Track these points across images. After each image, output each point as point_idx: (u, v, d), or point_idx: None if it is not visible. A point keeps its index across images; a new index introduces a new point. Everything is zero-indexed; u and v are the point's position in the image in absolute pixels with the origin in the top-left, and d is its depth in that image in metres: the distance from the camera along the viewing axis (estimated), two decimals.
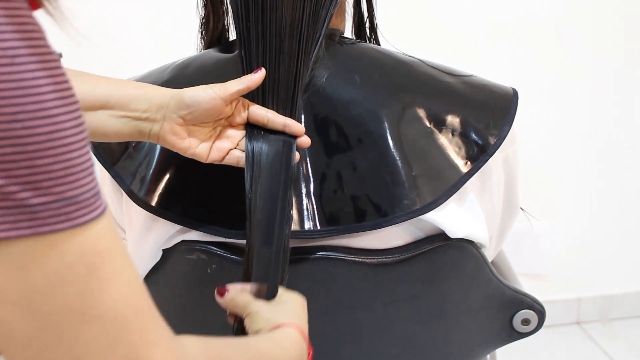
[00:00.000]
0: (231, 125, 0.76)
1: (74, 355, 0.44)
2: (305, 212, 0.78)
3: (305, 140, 0.76)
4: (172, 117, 0.72)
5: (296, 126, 0.76)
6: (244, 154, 0.76)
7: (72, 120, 0.42)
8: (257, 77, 0.74)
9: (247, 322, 0.70)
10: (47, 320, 0.43)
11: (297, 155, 0.76)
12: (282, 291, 0.73)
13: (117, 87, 0.72)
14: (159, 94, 0.72)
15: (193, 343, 0.52)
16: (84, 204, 0.43)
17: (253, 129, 0.76)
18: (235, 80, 0.74)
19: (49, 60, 0.41)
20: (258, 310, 0.69)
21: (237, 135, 0.76)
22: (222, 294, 0.72)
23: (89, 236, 0.43)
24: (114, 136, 0.72)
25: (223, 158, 0.76)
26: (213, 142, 0.75)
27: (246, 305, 0.70)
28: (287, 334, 0.66)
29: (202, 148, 0.74)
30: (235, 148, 0.76)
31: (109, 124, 0.71)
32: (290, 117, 0.77)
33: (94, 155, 0.84)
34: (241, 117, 0.76)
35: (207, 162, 0.75)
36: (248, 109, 0.76)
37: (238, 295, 0.72)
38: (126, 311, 0.45)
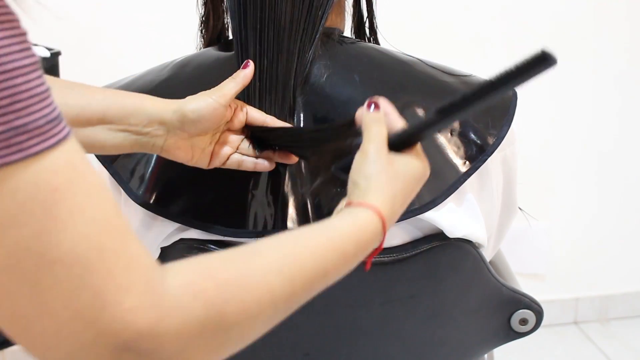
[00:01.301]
0: (229, 130, 0.76)
1: (37, 301, 0.41)
2: (303, 210, 0.78)
3: None
4: (176, 132, 0.71)
5: None
6: (244, 157, 0.76)
7: (15, 45, 0.39)
8: (248, 72, 0.74)
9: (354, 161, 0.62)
10: (4, 265, 0.40)
11: (294, 159, 0.77)
12: (409, 153, 0.64)
13: (114, 100, 0.70)
14: (159, 108, 0.70)
15: (179, 275, 0.46)
16: (36, 132, 0.39)
17: (254, 132, 0.77)
18: (228, 80, 0.73)
19: None
20: (368, 155, 0.61)
21: (236, 139, 0.76)
22: (373, 106, 0.64)
23: (43, 169, 0.40)
24: (114, 149, 0.71)
25: (224, 163, 0.76)
26: (213, 149, 0.75)
27: (376, 127, 0.63)
28: (357, 217, 0.58)
29: (204, 156, 0.74)
30: (236, 152, 0.77)
31: (108, 138, 0.70)
32: (287, 115, 0.77)
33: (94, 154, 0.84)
34: (239, 120, 0.75)
35: (209, 167, 0.75)
36: (247, 113, 0.76)
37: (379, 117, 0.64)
38: (89, 253, 0.41)
